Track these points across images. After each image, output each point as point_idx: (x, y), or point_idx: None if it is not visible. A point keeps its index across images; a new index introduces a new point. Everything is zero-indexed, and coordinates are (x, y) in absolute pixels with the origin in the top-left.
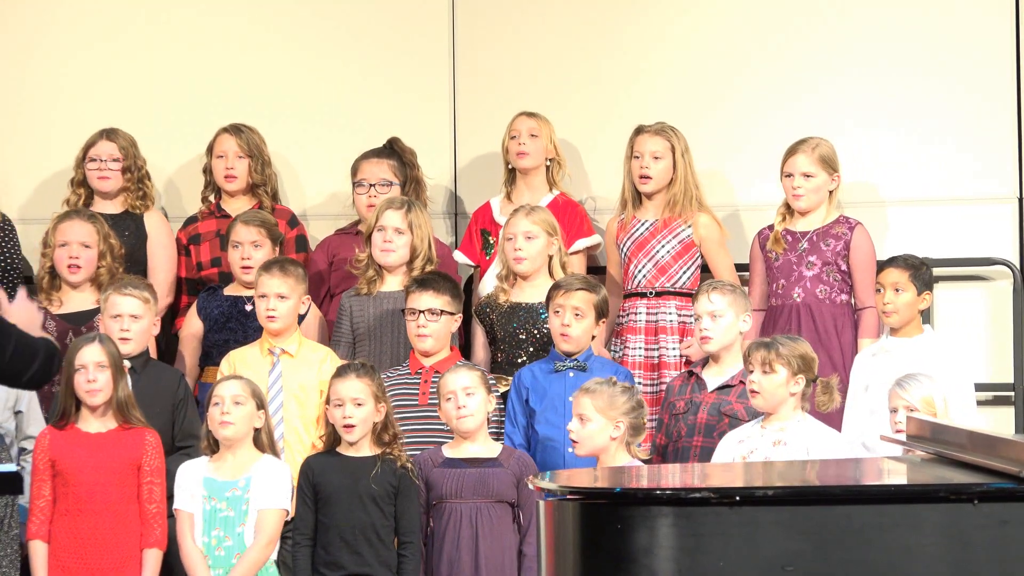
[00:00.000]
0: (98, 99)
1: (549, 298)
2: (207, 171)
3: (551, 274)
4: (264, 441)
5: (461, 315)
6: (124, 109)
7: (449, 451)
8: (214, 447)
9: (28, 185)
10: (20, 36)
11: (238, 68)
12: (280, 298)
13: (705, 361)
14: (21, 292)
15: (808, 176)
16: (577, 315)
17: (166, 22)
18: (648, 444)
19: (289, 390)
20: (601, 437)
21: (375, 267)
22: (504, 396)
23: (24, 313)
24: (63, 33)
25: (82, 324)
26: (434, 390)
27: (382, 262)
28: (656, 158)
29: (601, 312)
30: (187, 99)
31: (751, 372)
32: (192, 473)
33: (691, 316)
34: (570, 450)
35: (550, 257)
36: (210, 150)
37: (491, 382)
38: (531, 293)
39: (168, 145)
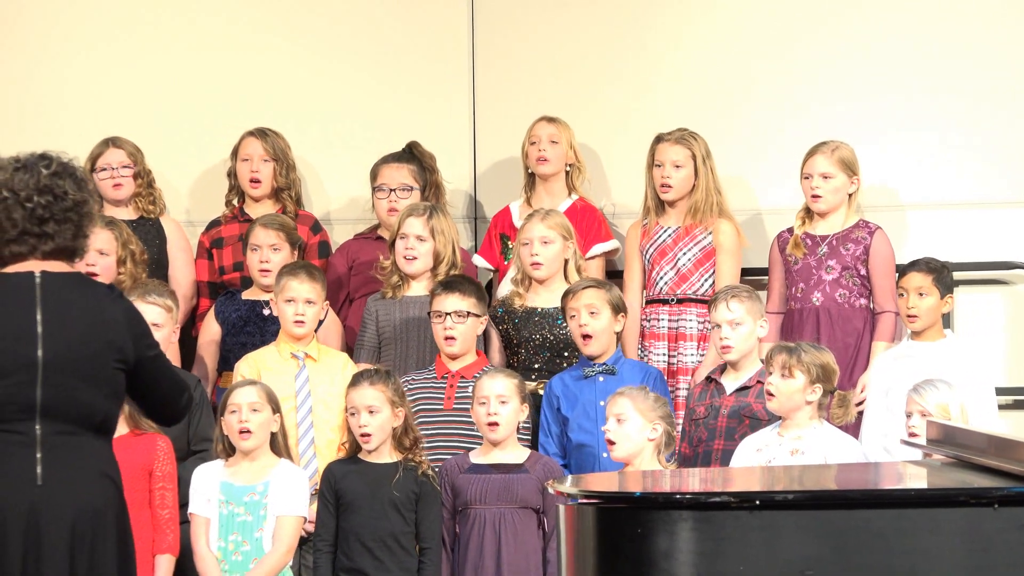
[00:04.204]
0: (120, 103)
1: (563, 307)
2: (232, 175)
3: (567, 278)
4: (280, 444)
5: (487, 317)
6: (147, 113)
7: (476, 457)
8: (229, 451)
9: None
10: (37, 41)
11: (258, 72)
12: (308, 303)
13: (723, 367)
14: None
15: (827, 177)
16: (592, 313)
17: (187, 26)
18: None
19: (317, 395)
20: (639, 437)
21: (400, 273)
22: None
23: None
24: (79, 36)
25: None
26: (460, 395)
27: (405, 270)
28: (677, 167)
29: (617, 308)
30: (208, 103)
31: (770, 374)
32: (208, 477)
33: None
34: (604, 455)
35: (566, 261)
36: (235, 153)
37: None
38: (547, 297)
39: (190, 149)
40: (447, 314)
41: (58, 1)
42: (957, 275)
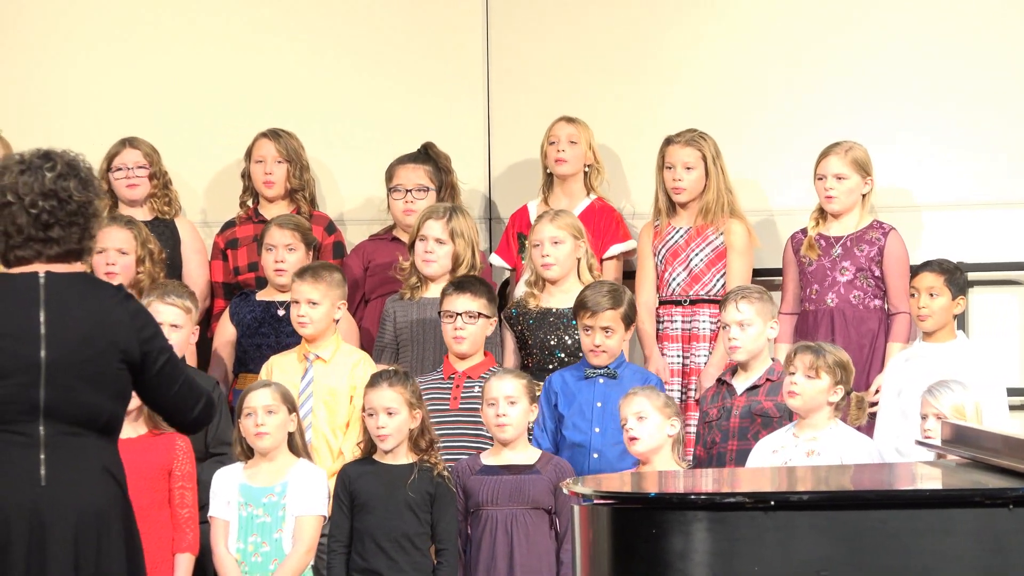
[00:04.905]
0: (135, 103)
1: (576, 315)
2: (246, 176)
3: (579, 278)
4: (298, 444)
5: (496, 319)
6: (162, 114)
7: (487, 458)
8: (248, 453)
9: None
10: (53, 40)
11: (272, 73)
12: (311, 304)
13: (734, 368)
14: None
15: (840, 178)
16: (608, 334)
17: (202, 27)
18: (689, 453)
19: (319, 395)
20: (660, 433)
21: (418, 274)
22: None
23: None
24: (95, 35)
25: None
26: (466, 395)
27: (424, 272)
28: (688, 168)
29: (629, 320)
30: (223, 104)
31: (792, 373)
32: (227, 480)
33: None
34: (595, 455)
35: (578, 261)
36: (249, 155)
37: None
38: (561, 298)
39: (204, 151)
40: (457, 314)
41: (78, 5)
42: (972, 276)
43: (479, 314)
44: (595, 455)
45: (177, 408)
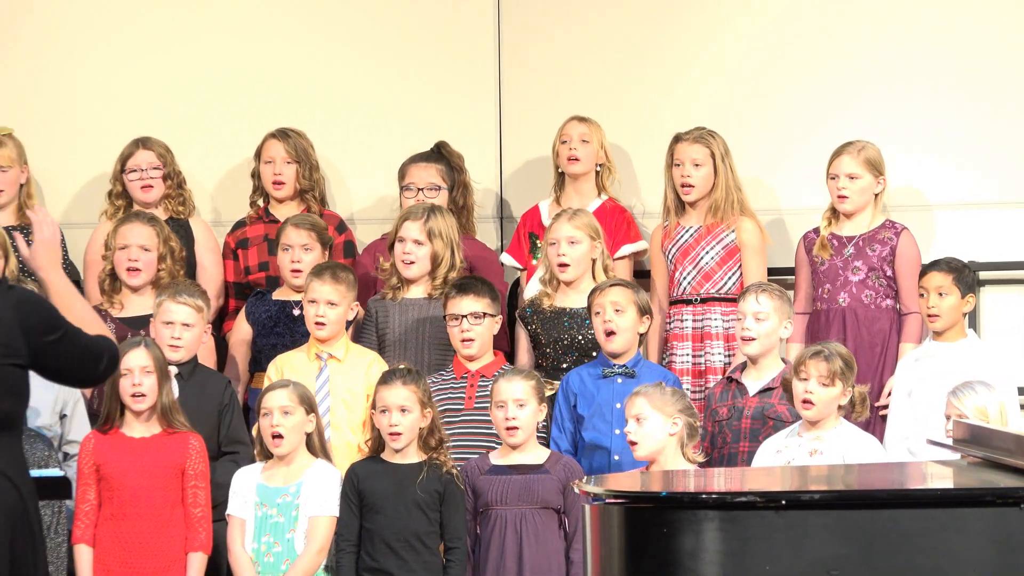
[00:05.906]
0: (148, 103)
1: (589, 304)
2: (255, 176)
3: (594, 278)
4: (316, 444)
5: (501, 316)
6: (171, 113)
7: (496, 458)
8: (267, 453)
9: (69, 190)
10: (67, 41)
11: (284, 71)
12: (330, 305)
13: (743, 366)
14: None
15: (853, 177)
16: (617, 311)
17: (214, 26)
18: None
19: (337, 395)
20: (660, 434)
21: (398, 275)
22: (551, 400)
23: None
24: (108, 36)
25: (141, 328)
26: (481, 394)
27: (403, 274)
28: (697, 165)
29: (643, 310)
30: (233, 103)
31: (805, 380)
32: (246, 479)
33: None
34: (616, 457)
35: (593, 261)
36: (258, 155)
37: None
38: (575, 298)
39: (215, 149)
40: (463, 316)
41: (88, 4)
42: (984, 275)
43: (484, 314)
44: (616, 457)
45: (83, 371)
